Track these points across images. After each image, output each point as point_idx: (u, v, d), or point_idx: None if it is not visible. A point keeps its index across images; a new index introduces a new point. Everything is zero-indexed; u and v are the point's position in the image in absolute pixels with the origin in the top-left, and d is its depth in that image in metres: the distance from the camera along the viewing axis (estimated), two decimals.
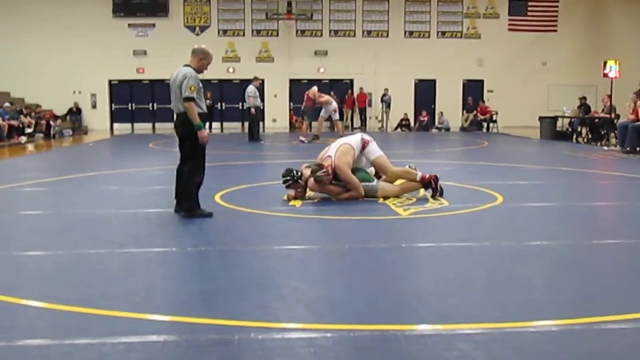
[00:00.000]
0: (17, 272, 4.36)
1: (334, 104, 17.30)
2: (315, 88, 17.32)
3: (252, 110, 17.16)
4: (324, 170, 6.89)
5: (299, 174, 7.04)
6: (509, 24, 25.50)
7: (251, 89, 17.06)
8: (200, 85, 6.21)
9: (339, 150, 7.09)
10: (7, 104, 19.19)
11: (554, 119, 18.76)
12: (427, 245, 5.14)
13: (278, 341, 3.03)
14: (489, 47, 25.22)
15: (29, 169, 11.27)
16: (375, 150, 7.32)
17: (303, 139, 16.86)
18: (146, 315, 3.37)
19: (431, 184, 7.16)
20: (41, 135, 19.84)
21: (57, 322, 3.31)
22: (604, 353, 2.93)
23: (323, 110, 17.20)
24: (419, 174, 7.20)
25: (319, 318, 3.34)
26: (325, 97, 17.25)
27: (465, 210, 6.52)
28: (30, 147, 16.94)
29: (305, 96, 17.11)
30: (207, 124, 22.79)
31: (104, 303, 3.55)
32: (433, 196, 7.12)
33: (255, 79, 17.57)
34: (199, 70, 6.32)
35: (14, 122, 18.30)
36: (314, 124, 17.77)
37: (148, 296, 3.74)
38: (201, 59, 6.31)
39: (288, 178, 7.01)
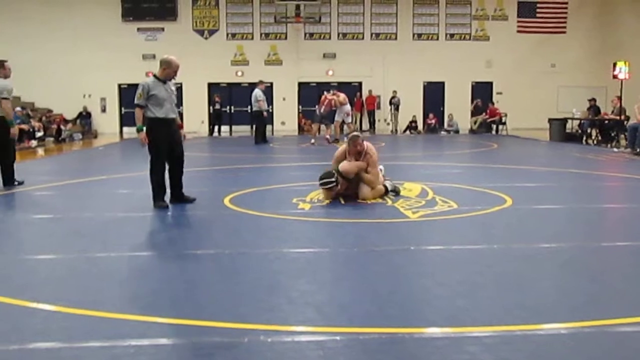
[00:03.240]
0: (28, 275, 4.38)
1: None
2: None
3: (265, 113, 17.67)
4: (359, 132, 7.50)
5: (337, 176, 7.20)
6: (518, 26, 25.44)
7: (260, 93, 17.40)
8: (153, 93, 6.65)
9: (370, 147, 7.51)
10: (17, 109, 19.27)
11: (564, 120, 18.70)
12: (436, 247, 5.13)
13: (287, 344, 3.04)
14: (497, 49, 25.17)
15: (39, 173, 11.33)
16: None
17: (328, 137, 17.52)
18: (156, 318, 3.38)
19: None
20: (51, 139, 20.00)
21: (67, 325, 3.32)
22: (614, 356, 2.92)
23: (337, 114, 17.64)
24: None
25: (328, 321, 3.34)
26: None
27: (474, 212, 6.51)
28: (40, 151, 17.06)
29: (326, 101, 17.26)
30: (216, 127, 23.16)
31: (114, 306, 3.57)
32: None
33: (261, 82, 17.82)
34: (166, 78, 6.82)
35: (25, 126, 18.42)
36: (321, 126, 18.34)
37: (157, 299, 3.75)
38: (165, 69, 6.81)
39: (332, 180, 7.13)
